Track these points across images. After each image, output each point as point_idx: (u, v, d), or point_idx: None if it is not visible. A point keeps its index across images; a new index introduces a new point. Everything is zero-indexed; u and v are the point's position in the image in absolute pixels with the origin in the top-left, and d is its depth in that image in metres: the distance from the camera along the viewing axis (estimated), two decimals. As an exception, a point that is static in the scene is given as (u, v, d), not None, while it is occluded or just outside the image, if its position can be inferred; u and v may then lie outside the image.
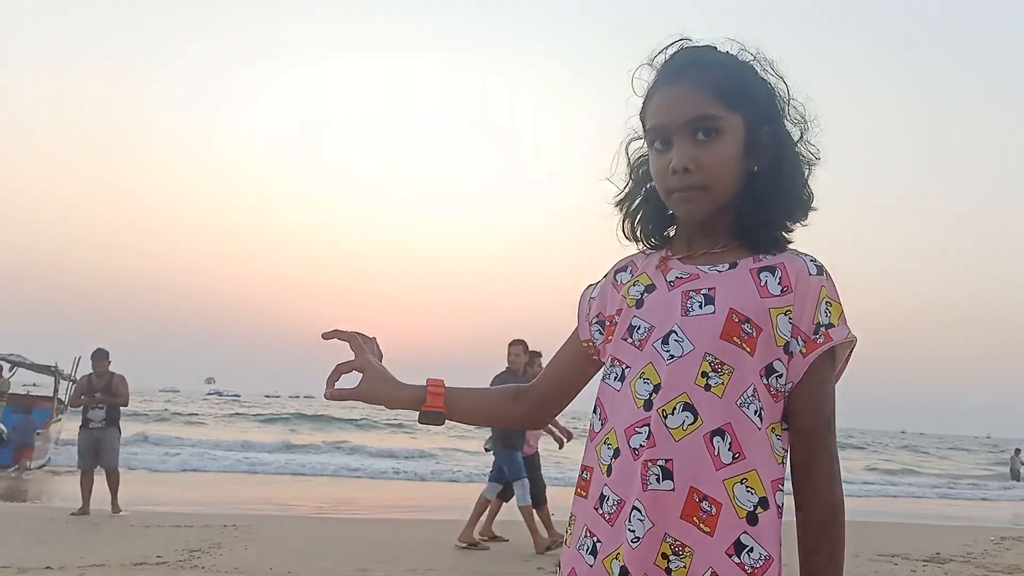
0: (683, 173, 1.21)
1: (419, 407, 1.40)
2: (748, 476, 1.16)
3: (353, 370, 1.38)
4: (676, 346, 1.20)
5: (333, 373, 1.38)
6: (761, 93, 1.26)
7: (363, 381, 1.38)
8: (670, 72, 1.26)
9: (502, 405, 1.48)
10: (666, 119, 1.23)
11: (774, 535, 1.16)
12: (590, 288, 1.43)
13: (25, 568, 5.68)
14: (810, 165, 1.28)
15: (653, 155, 1.27)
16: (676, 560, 1.14)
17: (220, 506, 10.91)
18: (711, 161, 1.21)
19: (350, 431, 32.91)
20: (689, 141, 1.22)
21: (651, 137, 1.27)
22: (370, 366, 1.38)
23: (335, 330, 1.40)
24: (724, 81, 1.23)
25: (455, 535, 7.53)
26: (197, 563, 6.27)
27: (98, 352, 9.56)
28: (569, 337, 1.44)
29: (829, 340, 1.20)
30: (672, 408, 1.17)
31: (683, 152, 1.21)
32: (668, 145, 1.24)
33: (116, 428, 9.49)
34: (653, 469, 1.16)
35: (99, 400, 9.35)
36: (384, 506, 12.16)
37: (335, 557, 6.80)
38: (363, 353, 1.39)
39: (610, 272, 1.39)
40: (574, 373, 1.44)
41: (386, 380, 1.39)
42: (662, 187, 1.26)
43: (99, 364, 9.49)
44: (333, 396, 1.36)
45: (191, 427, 30.28)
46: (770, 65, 1.27)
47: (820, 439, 1.21)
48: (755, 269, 1.23)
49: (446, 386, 1.42)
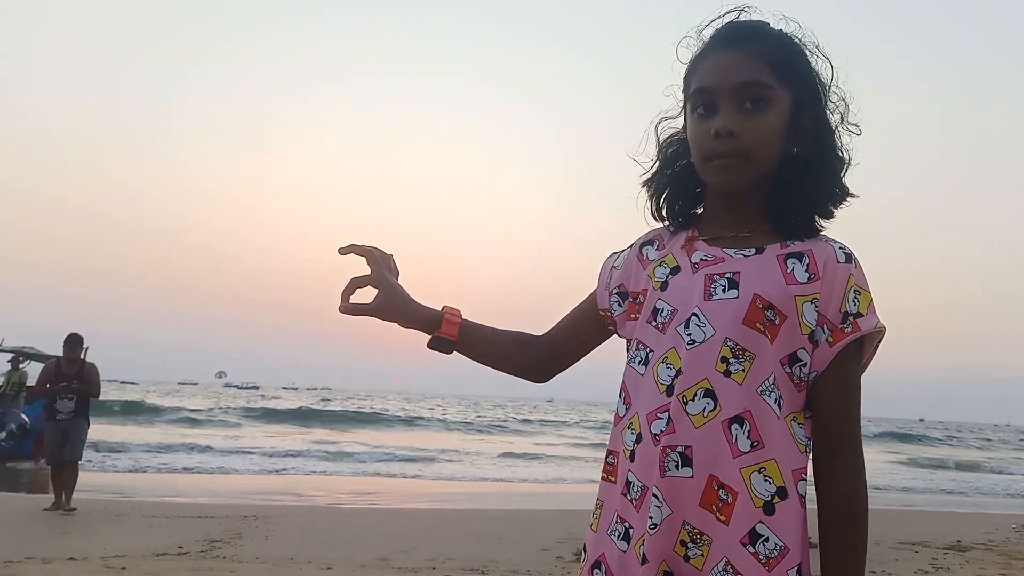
0: (727, 137, 1.18)
1: (432, 331, 1.37)
2: (767, 465, 1.13)
3: (368, 285, 1.35)
4: (697, 331, 1.18)
5: (348, 286, 1.35)
6: (810, 75, 1.24)
7: (378, 297, 1.35)
8: (724, 37, 1.24)
9: (512, 349, 1.44)
10: (716, 81, 1.20)
11: (794, 525, 1.13)
12: (613, 256, 1.40)
13: (48, 559, 5.75)
14: (847, 155, 1.25)
15: (694, 121, 1.24)
16: (694, 548, 1.13)
17: (241, 496, 11.00)
18: (755, 130, 1.19)
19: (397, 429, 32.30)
20: (736, 108, 1.19)
21: (695, 100, 1.24)
22: (385, 281, 1.36)
23: (351, 244, 1.37)
24: (778, 55, 1.21)
25: (475, 525, 7.56)
26: (219, 553, 6.32)
27: (73, 338, 8.88)
28: (586, 298, 1.42)
29: (857, 330, 1.17)
30: (693, 394, 1.15)
31: (729, 116, 1.19)
32: (712, 111, 1.21)
33: (85, 419, 8.81)
34: (672, 455, 1.14)
35: (75, 389, 8.67)
36: (405, 495, 12.21)
37: (355, 546, 6.85)
38: (379, 268, 1.36)
39: (636, 244, 1.36)
40: (586, 335, 1.42)
41: (401, 297, 1.36)
42: (701, 153, 1.22)
43: (73, 351, 8.84)
44: (347, 310, 1.34)
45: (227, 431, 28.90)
46: (817, 48, 1.25)
47: (844, 430, 1.18)
48: (782, 255, 1.20)
49: (462, 317, 1.40)
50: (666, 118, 1.33)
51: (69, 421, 8.62)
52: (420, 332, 1.40)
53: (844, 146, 1.25)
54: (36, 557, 5.80)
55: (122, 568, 5.46)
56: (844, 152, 1.25)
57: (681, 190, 1.31)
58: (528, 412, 58.22)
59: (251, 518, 8.29)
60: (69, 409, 8.65)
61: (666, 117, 1.33)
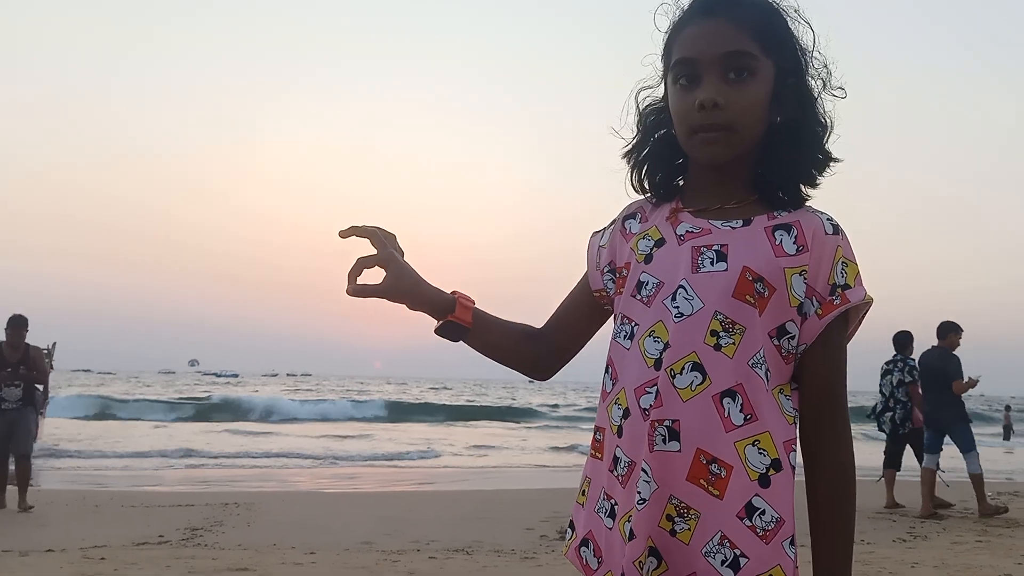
0: (711, 109, 1.16)
1: (444, 316, 1.32)
2: (760, 438, 1.12)
3: (376, 265, 1.28)
4: (685, 303, 1.16)
5: (354, 267, 1.27)
6: (792, 42, 1.22)
7: (387, 277, 1.28)
8: (704, 4, 1.20)
9: (520, 344, 1.39)
10: (699, 52, 1.18)
11: (787, 496, 1.13)
12: (597, 235, 1.37)
13: (26, 551, 5.67)
14: (830, 121, 1.23)
15: (676, 92, 1.21)
16: (681, 522, 1.11)
17: (222, 484, 10.94)
18: (741, 101, 1.17)
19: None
20: (720, 78, 1.17)
21: (677, 72, 1.21)
22: (394, 260, 1.28)
23: (351, 227, 1.29)
24: (761, 23, 1.18)
25: (458, 507, 7.57)
26: (200, 541, 6.28)
27: (17, 319, 8.11)
28: (577, 284, 1.39)
29: (846, 302, 1.17)
30: (681, 367, 1.14)
31: (713, 87, 1.16)
32: (695, 82, 1.18)
33: (33, 409, 8.10)
34: (660, 430, 1.13)
35: (23, 376, 8.01)
36: (387, 479, 12.20)
37: (339, 531, 6.83)
38: (385, 248, 1.29)
39: (618, 218, 1.34)
40: (585, 322, 1.38)
41: (411, 277, 1.30)
42: (684, 126, 1.20)
43: (17, 334, 8.05)
44: (355, 292, 1.27)
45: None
46: (797, 13, 1.22)
47: (832, 401, 1.19)
48: (770, 227, 1.19)
49: (475, 305, 1.35)
50: (645, 87, 1.31)
51: (15, 411, 7.93)
52: (427, 316, 1.33)
53: (827, 112, 1.24)
54: (13, 550, 5.72)
55: (101, 559, 5.39)
56: (827, 118, 1.23)
57: (663, 161, 1.28)
58: (510, 393, 58.37)
59: (232, 505, 8.24)
60: (16, 397, 7.98)
61: (645, 86, 1.31)
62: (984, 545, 6.43)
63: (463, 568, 5.34)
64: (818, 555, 1.17)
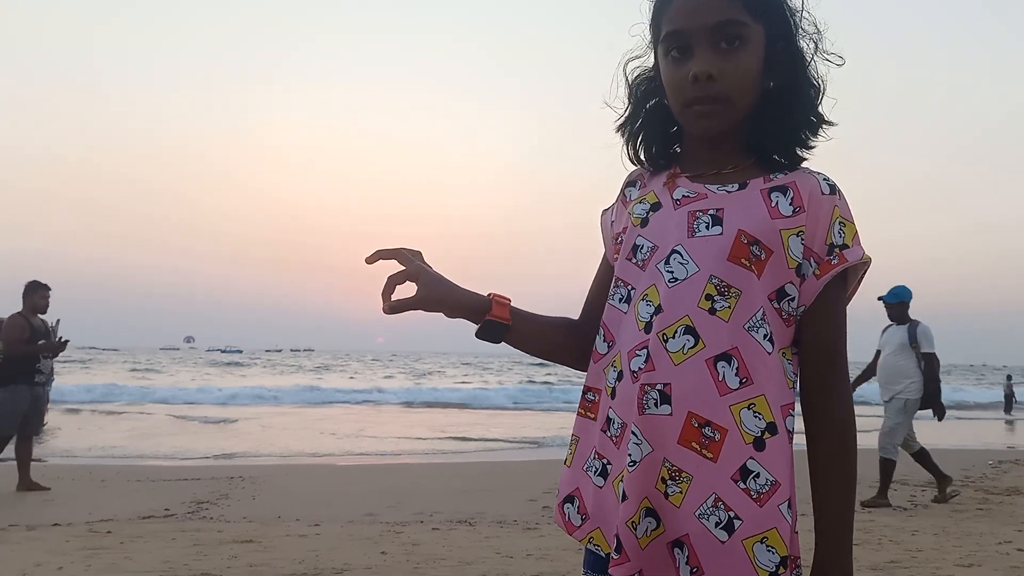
0: (705, 81, 1.15)
1: (482, 317, 1.29)
2: (756, 401, 1.12)
3: (407, 280, 1.27)
4: (680, 268, 1.16)
5: (387, 285, 1.26)
6: (781, 5, 1.20)
7: (420, 289, 1.27)
8: None
9: (561, 335, 1.36)
10: (690, 23, 1.16)
11: (783, 460, 1.13)
12: (607, 212, 1.37)
13: (33, 526, 5.73)
14: (822, 83, 1.22)
15: (668, 65, 1.20)
16: (673, 485, 1.11)
17: (227, 458, 11.00)
18: (734, 71, 1.16)
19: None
20: (712, 49, 1.16)
21: (668, 44, 1.20)
22: (424, 272, 1.27)
23: (377, 251, 1.28)
24: None
25: (460, 479, 7.61)
26: (205, 514, 6.34)
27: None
28: (600, 265, 1.38)
29: (844, 261, 1.16)
30: (673, 332, 1.13)
31: (706, 59, 1.15)
32: (687, 54, 1.17)
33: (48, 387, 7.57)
34: (651, 393, 1.13)
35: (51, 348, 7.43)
36: (390, 451, 12.27)
37: (342, 504, 6.88)
38: (413, 263, 1.28)
39: (622, 188, 1.34)
40: None
41: (445, 284, 1.28)
42: (678, 99, 1.19)
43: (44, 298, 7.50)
44: (391, 309, 1.25)
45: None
46: None
47: (832, 363, 1.18)
48: (765, 189, 1.18)
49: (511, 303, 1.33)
50: (634, 58, 1.29)
51: (41, 387, 7.50)
52: (466, 321, 1.31)
53: (820, 76, 1.22)
54: (20, 524, 5.78)
55: (107, 532, 5.45)
56: (819, 81, 1.22)
57: (656, 131, 1.28)
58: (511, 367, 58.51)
59: (237, 479, 8.31)
60: (49, 370, 7.58)
61: (634, 57, 1.29)
62: (984, 513, 6.48)
63: (466, 539, 5.38)
64: (820, 515, 1.16)
